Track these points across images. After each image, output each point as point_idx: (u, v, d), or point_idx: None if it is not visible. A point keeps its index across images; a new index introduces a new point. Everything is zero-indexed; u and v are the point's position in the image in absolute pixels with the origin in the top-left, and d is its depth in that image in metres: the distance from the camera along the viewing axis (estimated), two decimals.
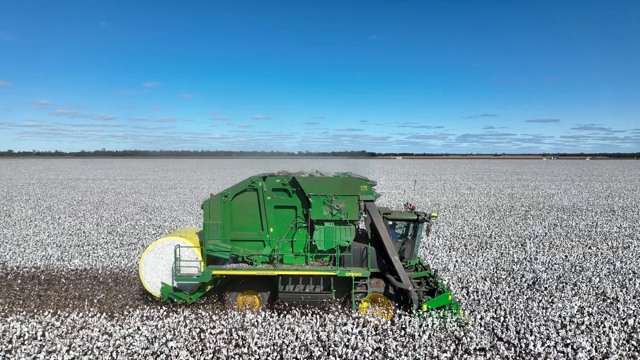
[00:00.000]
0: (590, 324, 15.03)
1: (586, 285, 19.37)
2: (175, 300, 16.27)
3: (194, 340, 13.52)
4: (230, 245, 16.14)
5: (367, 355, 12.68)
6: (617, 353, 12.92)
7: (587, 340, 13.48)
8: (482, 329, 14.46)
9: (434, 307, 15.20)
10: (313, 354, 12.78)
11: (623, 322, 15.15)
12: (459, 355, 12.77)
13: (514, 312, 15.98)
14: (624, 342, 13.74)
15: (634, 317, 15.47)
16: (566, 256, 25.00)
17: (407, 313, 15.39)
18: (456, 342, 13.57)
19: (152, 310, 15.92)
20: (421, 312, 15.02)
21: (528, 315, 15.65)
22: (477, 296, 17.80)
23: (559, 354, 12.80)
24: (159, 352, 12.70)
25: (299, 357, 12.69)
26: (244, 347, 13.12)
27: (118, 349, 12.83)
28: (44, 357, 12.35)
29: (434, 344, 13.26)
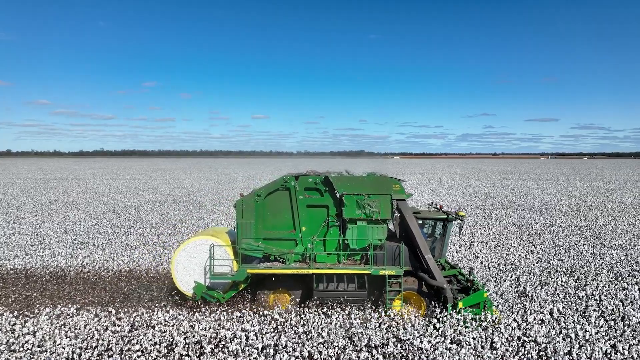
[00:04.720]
0: (493, 320, 15.21)
1: (510, 285, 19.55)
2: (208, 299, 16.38)
3: (93, 338, 13.70)
4: (263, 244, 16.28)
5: (256, 352, 12.89)
6: (503, 348, 13.11)
7: (476, 337, 13.66)
8: (385, 326, 14.65)
9: (469, 304, 15.32)
10: (204, 350, 12.97)
11: (523, 318, 15.33)
12: (346, 352, 12.95)
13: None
14: (517, 338, 13.91)
15: (535, 314, 15.66)
16: (507, 255, 25.20)
17: (440, 310, 15.47)
18: (350, 340, 13.75)
19: (64, 308, 16.11)
20: (456, 310, 15.09)
21: (435, 313, 15.82)
22: None
23: (445, 350, 12.97)
24: (48, 349, 12.88)
25: (189, 353, 12.89)
26: (138, 344, 13.31)
27: (11, 347, 13.02)
28: None
29: (328, 341, 13.45)
